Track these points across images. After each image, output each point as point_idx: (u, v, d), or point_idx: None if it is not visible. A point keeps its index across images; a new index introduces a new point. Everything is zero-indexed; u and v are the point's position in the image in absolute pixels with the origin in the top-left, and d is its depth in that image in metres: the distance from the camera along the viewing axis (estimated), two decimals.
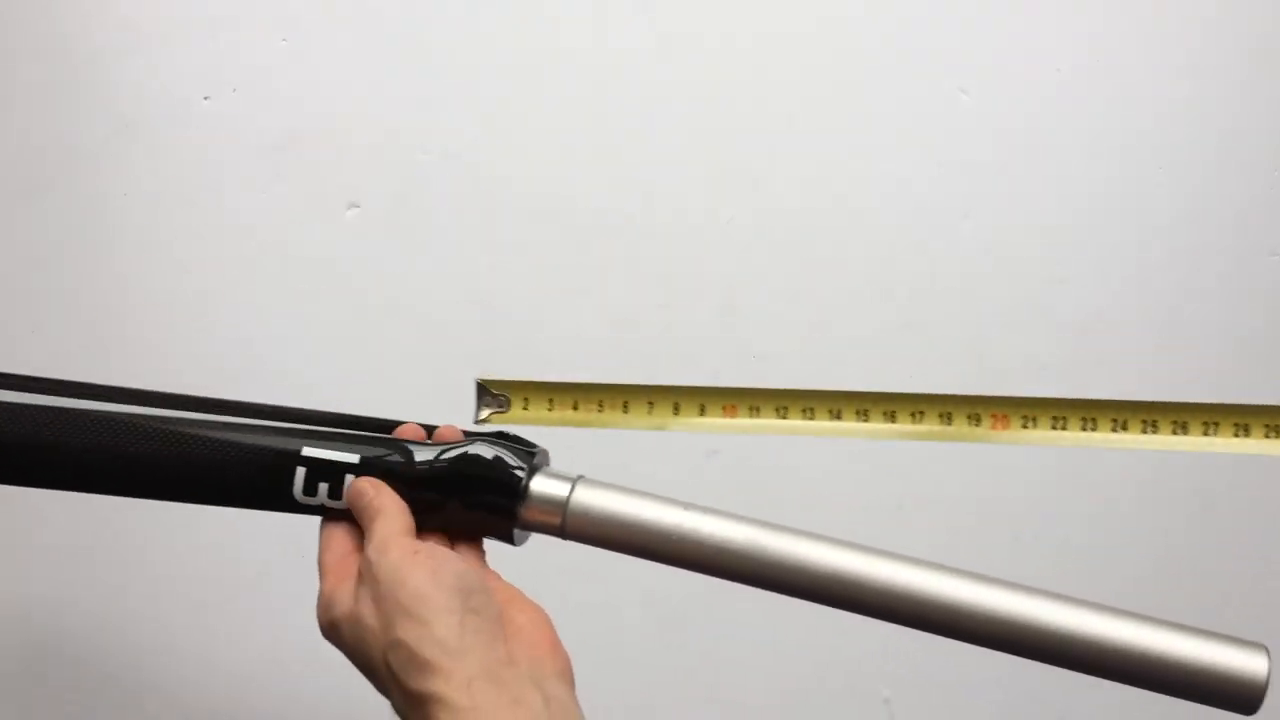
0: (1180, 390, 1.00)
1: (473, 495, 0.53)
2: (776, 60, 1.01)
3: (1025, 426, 0.50)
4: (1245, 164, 1.00)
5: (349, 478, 0.54)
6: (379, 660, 0.46)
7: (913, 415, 0.49)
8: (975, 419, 0.49)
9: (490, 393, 0.57)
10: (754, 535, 0.51)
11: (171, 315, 1.02)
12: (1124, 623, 0.46)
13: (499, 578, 0.53)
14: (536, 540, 0.58)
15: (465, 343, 1.01)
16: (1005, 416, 0.50)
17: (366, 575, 0.48)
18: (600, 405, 0.54)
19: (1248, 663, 0.43)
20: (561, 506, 0.53)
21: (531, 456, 0.55)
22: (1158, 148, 1.00)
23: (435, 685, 0.42)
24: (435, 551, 0.48)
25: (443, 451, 0.54)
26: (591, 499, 0.53)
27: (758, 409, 0.53)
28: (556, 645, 0.49)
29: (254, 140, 1.01)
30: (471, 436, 0.56)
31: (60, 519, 1.02)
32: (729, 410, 0.53)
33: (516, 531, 0.55)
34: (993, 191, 1.00)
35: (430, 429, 0.58)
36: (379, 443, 0.56)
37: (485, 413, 0.55)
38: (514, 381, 0.58)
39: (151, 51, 1.02)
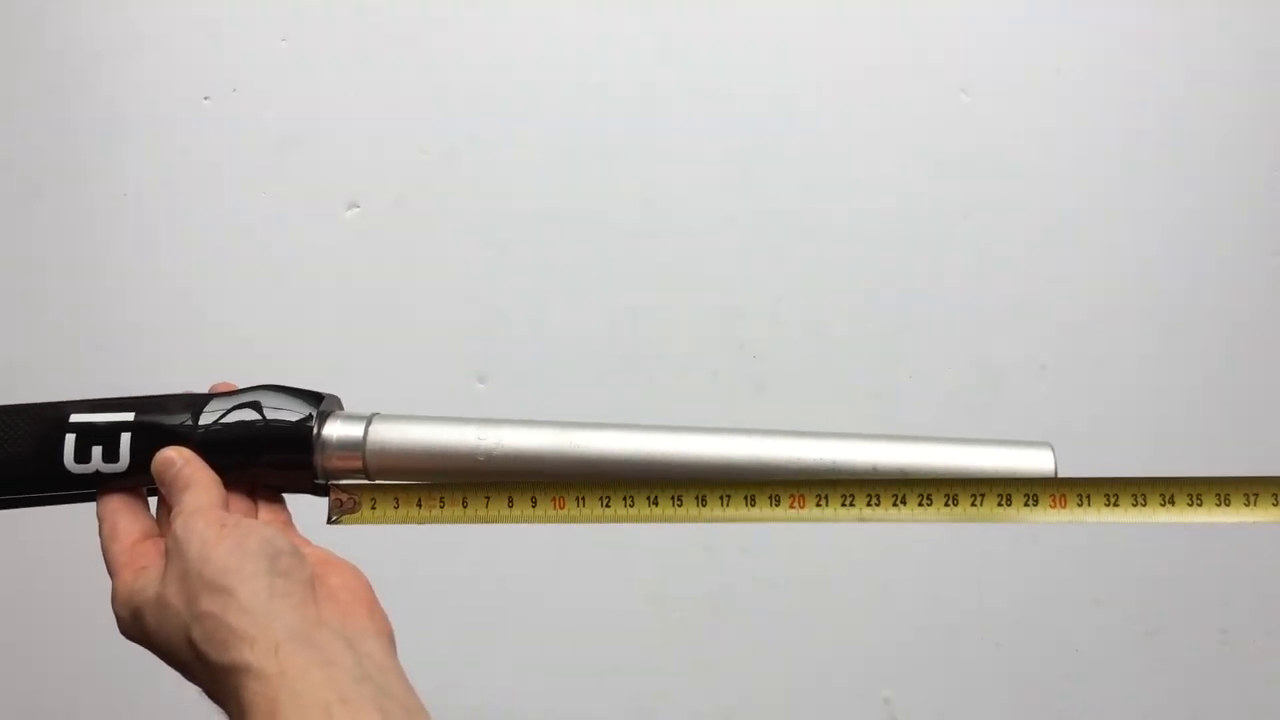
0: (1180, 390, 1.00)
1: (265, 453, 0.50)
2: (777, 61, 1.01)
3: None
4: (1245, 164, 1.00)
5: (159, 450, 0.50)
6: (181, 641, 0.43)
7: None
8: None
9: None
10: (552, 436, 0.50)
11: (171, 314, 1.02)
12: (938, 447, 0.48)
13: (309, 543, 0.49)
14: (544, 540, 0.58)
15: (465, 343, 1.01)
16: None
17: (173, 554, 0.45)
18: (442, 502, 0.50)
19: (1038, 458, 0.52)
20: (359, 447, 0.50)
21: (319, 401, 0.52)
22: (1158, 148, 1.00)
23: (242, 654, 0.40)
24: (242, 523, 0.45)
25: (226, 410, 0.51)
26: (388, 434, 0.50)
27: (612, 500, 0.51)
28: (374, 606, 0.46)
29: (254, 140, 1.01)
30: (248, 390, 0.52)
31: None
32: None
33: (319, 483, 0.51)
34: (993, 191, 1.00)
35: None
36: (157, 402, 0.53)
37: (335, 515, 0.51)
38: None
39: (151, 51, 1.02)
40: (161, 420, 0.52)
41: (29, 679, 1.03)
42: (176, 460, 0.50)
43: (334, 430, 0.51)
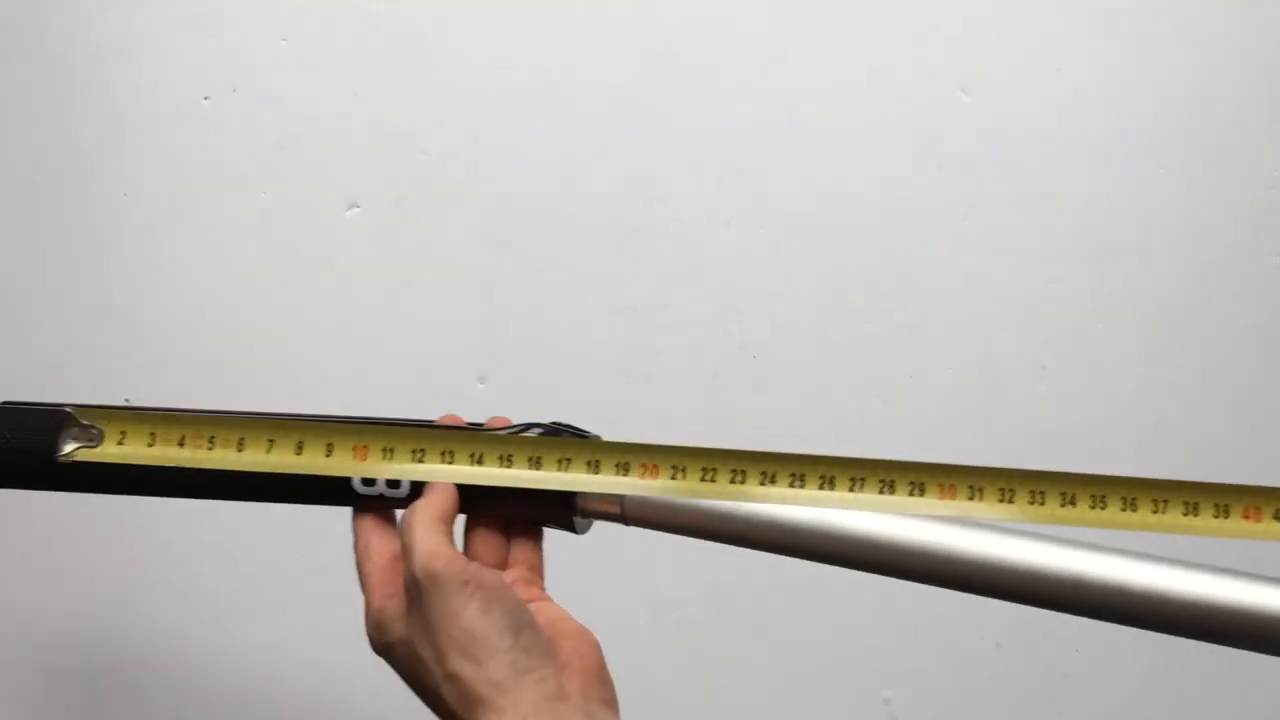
0: (1180, 391, 1.00)
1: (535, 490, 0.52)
2: (776, 60, 1.01)
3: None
4: (1246, 164, 1.00)
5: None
6: (433, 689, 0.47)
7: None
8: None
9: (80, 424, 0.53)
10: (817, 511, 0.51)
11: (171, 315, 1.02)
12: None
13: (549, 599, 0.53)
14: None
15: (466, 343, 1.01)
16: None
17: (416, 601, 0.48)
18: (211, 441, 0.51)
19: None
20: (620, 493, 0.52)
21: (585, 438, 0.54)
22: (1158, 147, 1.00)
23: None
24: (484, 580, 0.48)
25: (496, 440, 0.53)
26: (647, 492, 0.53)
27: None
28: (603, 673, 0.49)
29: (254, 140, 1.01)
30: (523, 425, 0.55)
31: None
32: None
33: (578, 520, 0.55)
34: (993, 191, 1.00)
35: (475, 425, 0.56)
36: (439, 429, 0.55)
37: (70, 446, 0.51)
38: (111, 409, 0.54)
39: (151, 51, 1.02)
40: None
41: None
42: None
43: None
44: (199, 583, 1.02)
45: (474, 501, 0.52)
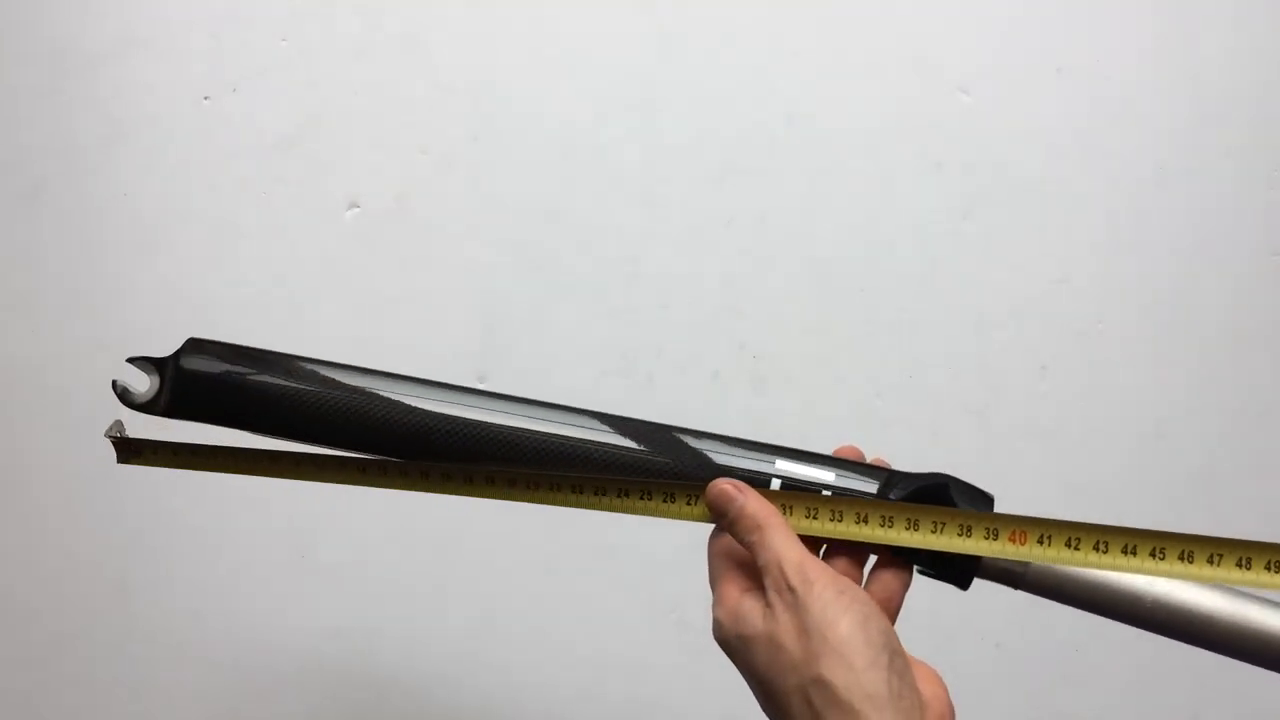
0: (1179, 391, 1.00)
1: None
2: (777, 61, 1.01)
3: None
4: (1246, 164, 1.00)
5: (715, 481, 0.53)
6: (793, 689, 0.46)
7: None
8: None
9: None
10: (1233, 604, 0.51)
11: (171, 314, 1.02)
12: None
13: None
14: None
15: (466, 343, 1.01)
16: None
17: (784, 599, 0.48)
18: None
19: None
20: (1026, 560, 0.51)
21: (991, 503, 0.53)
22: (1158, 147, 1.00)
23: None
24: (858, 595, 0.48)
25: (902, 485, 0.53)
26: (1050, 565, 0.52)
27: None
28: (952, 713, 0.48)
29: (254, 140, 1.01)
30: (924, 475, 0.54)
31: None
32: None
33: (970, 575, 0.53)
34: (993, 191, 1.00)
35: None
36: (843, 466, 0.55)
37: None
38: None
39: (151, 51, 1.02)
40: (854, 487, 0.54)
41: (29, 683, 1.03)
42: (735, 496, 0.52)
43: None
44: (196, 575, 1.02)
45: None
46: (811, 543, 0.52)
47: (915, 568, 0.53)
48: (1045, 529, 0.50)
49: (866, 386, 1.00)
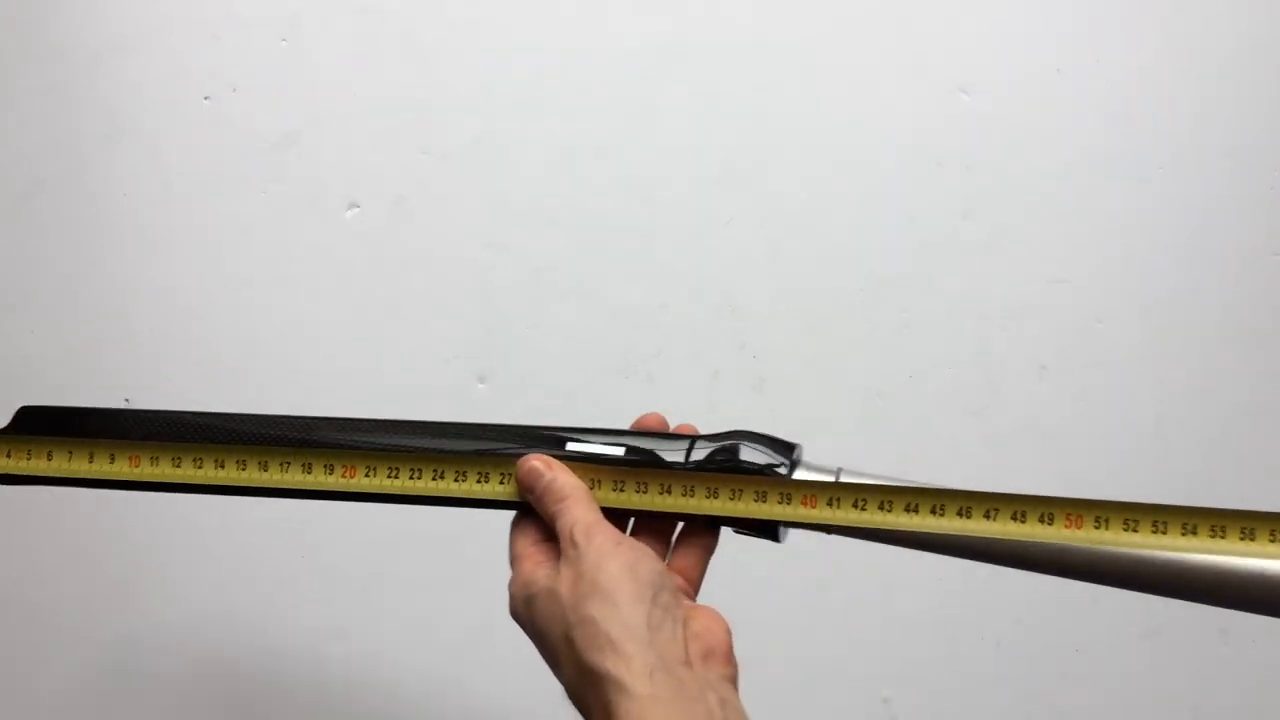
0: (1180, 391, 1.00)
1: None
2: (777, 61, 1.01)
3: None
4: (1246, 164, 1.00)
5: (524, 459, 0.54)
6: (560, 633, 0.48)
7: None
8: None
9: None
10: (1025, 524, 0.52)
11: (172, 315, 1.02)
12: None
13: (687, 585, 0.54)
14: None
15: (466, 343, 1.01)
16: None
17: (569, 555, 0.49)
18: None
19: None
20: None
21: (791, 450, 0.55)
22: (1158, 147, 1.00)
23: (617, 666, 0.44)
24: (636, 545, 0.50)
25: (702, 449, 0.55)
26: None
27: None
28: (730, 654, 0.50)
29: (254, 140, 1.01)
30: (722, 435, 0.56)
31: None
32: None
33: (780, 527, 0.55)
34: (993, 191, 1.00)
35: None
36: (636, 437, 0.57)
37: None
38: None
39: (151, 51, 1.02)
40: (657, 452, 0.56)
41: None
42: (544, 471, 0.54)
43: (803, 478, 0.54)
44: (196, 575, 1.02)
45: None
46: (621, 516, 0.54)
47: (733, 528, 0.55)
48: (861, 493, 0.52)
49: (866, 386, 1.00)
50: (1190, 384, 1.00)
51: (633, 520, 0.55)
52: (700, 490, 0.53)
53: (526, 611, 0.51)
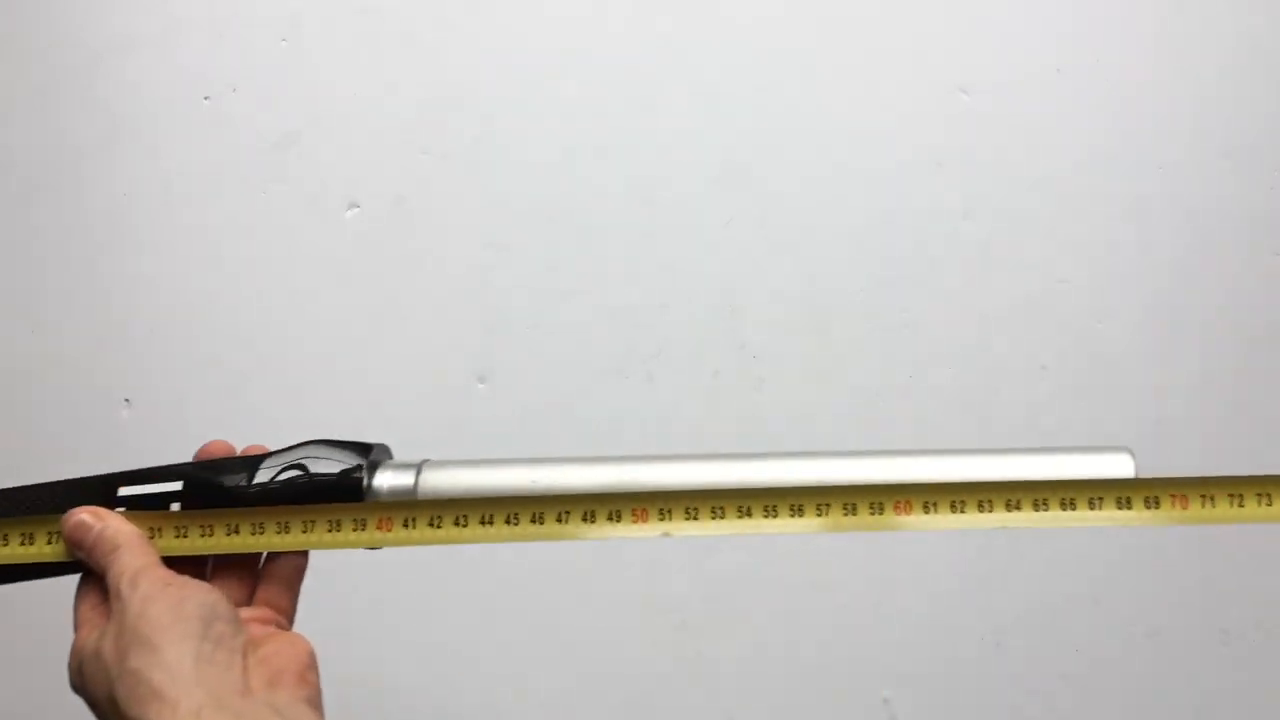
0: (1180, 391, 1.00)
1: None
2: (777, 61, 1.01)
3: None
4: (1246, 164, 1.00)
5: (70, 513, 0.48)
6: (105, 695, 0.43)
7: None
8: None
9: None
10: (608, 473, 0.50)
11: (172, 315, 1.02)
12: (1020, 458, 0.48)
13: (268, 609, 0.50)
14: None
15: (465, 343, 1.01)
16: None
17: (115, 609, 0.45)
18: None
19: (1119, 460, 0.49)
20: (411, 495, 0.51)
21: (368, 452, 0.52)
22: (1158, 148, 1.00)
23: (160, 715, 0.40)
24: (187, 583, 0.46)
25: (268, 469, 0.51)
26: (440, 481, 0.51)
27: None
28: (305, 673, 0.46)
29: (254, 140, 1.01)
30: (297, 446, 0.52)
31: None
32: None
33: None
34: (993, 191, 1.00)
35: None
36: (201, 467, 0.52)
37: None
38: None
39: (151, 51, 1.02)
40: (216, 481, 0.51)
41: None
42: (93, 523, 0.48)
43: (384, 481, 0.51)
44: None
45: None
46: (196, 563, 0.50)
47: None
48: (438, 510, 0.49)
49: (866, 386, 1.00)
50: (1190, 384, 1.00)
51: (212, 560, 0.51)
52: (270, 525, 0.49)
53: (80, 682, 0.46)
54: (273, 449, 0.52)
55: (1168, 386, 1.00)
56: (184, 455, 0.54)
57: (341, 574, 1.02)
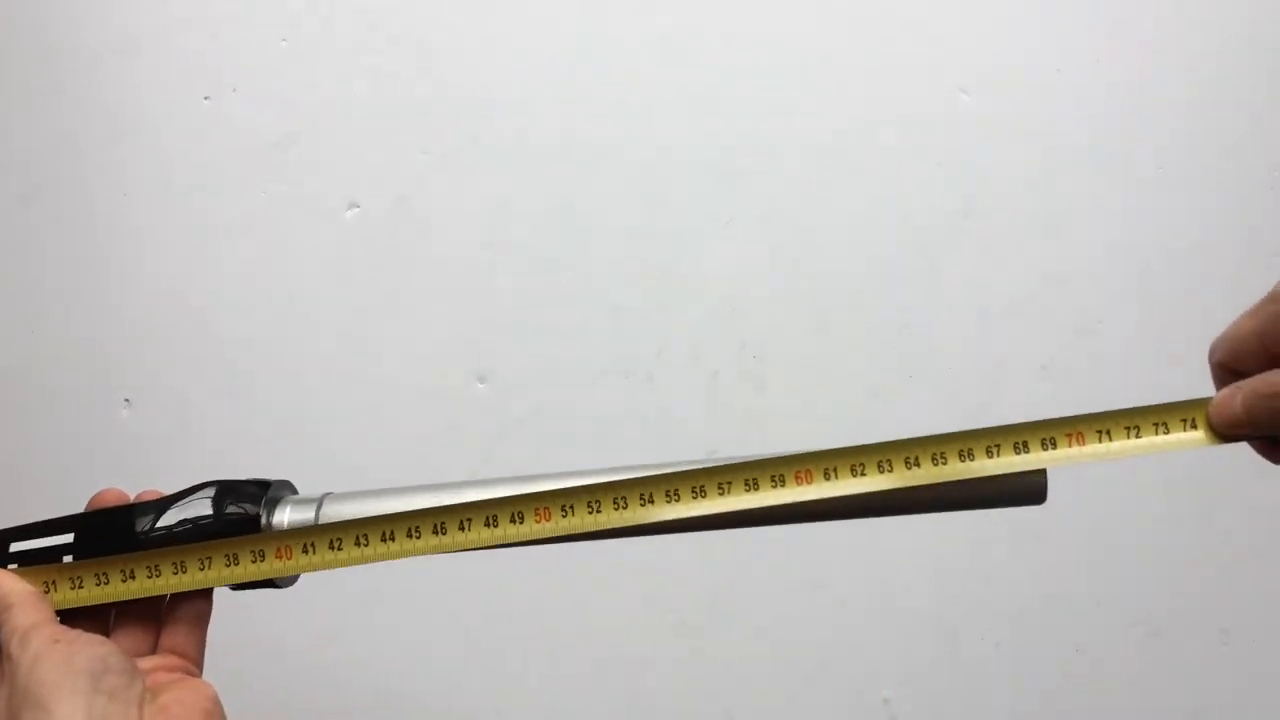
0: (1180, 391, 1.00)
1: None
2: (776, 61, 1.01)
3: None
4: (1245, 164, 1.00)
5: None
6: None
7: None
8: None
9: None
10: (511, 490, 0.49)
11: (171, 315, 1.02)
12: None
13: (173, 656, 0.50)
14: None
15: (466, 343, 1.01)
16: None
17: (6, 671, 0.44)
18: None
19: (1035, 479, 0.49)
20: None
21: (265, 489, 0.51)
22: (1158, 147, 1.00)
23: None
24: (78, 638, 0.45)
25: (169, 515, 0.50)
26: (341, 513, 0.50)
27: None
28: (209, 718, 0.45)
29: (254, 140, 1.01)
30: (188, 490, 0.51)
31: None
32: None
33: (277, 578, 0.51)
34: (993, 191, 1.00)
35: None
36: (93, 516, 0.51)
37: None
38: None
39: (151, 51, 1.02)
40: (111, 529, 0.50)
41: None
42: None
43: (284, 517, 0.50)
44: None
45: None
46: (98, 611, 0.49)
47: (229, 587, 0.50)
48: (336, 532, 0.49)
49: (866, 386, 1.00)
50: (1190, 384, 1.00)
51: (114, 611, 0.50)
52: (166, 567, 0.48)
53: None
54: (167, 494, 0.51)
55: (1168, 386, 1.00)
56: (184, 455, 0.54)
57: (341, 573, 1.02)
